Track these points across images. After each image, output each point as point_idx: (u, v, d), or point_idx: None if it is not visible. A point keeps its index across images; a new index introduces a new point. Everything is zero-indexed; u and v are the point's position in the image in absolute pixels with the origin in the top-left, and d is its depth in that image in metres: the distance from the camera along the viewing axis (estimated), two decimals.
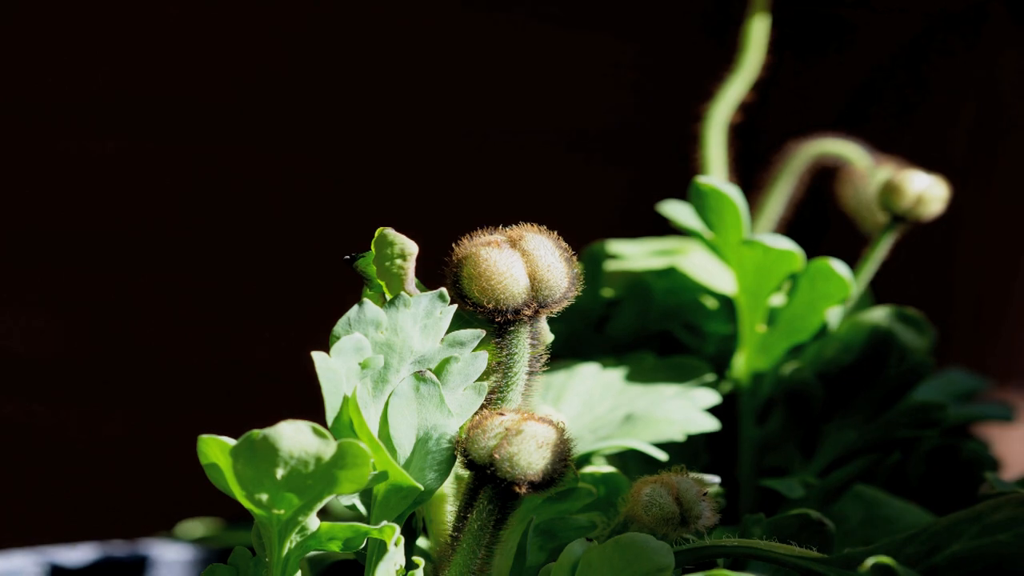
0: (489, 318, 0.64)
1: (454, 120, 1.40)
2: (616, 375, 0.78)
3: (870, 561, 0.57)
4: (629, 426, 0.75)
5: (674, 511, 0.65)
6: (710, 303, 0.83)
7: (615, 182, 1.41)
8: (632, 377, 0.78)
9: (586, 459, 0.73)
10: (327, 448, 0.56)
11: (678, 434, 0.75)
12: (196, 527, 1.03)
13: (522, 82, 1.40)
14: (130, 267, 1.40)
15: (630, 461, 0.76)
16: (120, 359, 1.41)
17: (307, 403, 0.70)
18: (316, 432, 0.56)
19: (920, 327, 0.83)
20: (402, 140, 1.40)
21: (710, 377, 0.79)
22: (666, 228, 0.84)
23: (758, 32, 0.89)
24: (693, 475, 0.66)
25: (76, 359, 1.41)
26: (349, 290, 0.67)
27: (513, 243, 0.64)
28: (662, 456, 0.74)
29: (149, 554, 0.94)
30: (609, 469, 0.69)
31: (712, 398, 0.78)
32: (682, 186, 0.81)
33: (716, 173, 0.88)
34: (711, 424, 0.77)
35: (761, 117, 0.95)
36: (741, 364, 0.82)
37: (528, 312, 0.64)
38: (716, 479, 0.69)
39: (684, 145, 0.89)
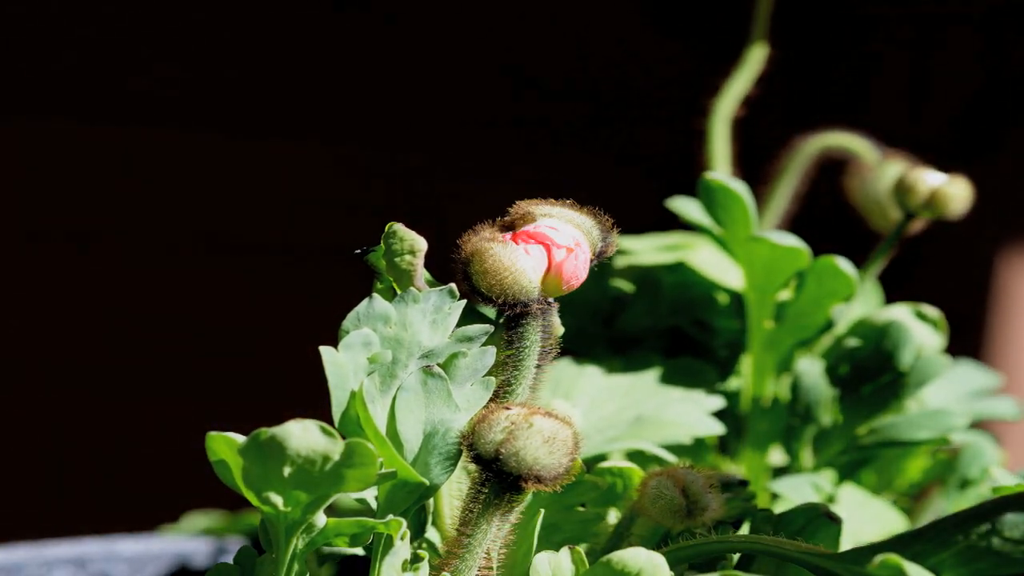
0: (500, 311, 0.64)
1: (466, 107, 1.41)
2: (623, 376, 0.79)
3: (879, 558, 0.57)
4: (637, 427, 0.75)
5: (680, 503, 0.65)
6: (719, 298, 0.83)
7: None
8: (639, 378, 0.79)
9: (595, 460, 0.73)
10: (335, 447, 0.56)
11: (685, 437, 0.75)
12: (201, 519, 1.03)
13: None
14: (135, 262, 1.40)
15: (636, 462, 0.76)
16: (124, 353, 1.41)
17: (314, 398, 0.70)
18: (324, 431, 0.56)
19: (935, 324, 0.83)
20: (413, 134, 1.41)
21: (716, 380, 0.79)
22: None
23: (762, 26, 0.90)
24: (710, 471, 0.66)
25: (80, 354, 1.41)
26: (358, 284, 0.67)
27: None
28: (671, 459, 0.74)
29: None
30: (624, 463, 0.69)
31: (718, 402, 0.78)
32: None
33: (721, 168, 0.89)
34: (717, 428, 0.77)
35: (765, 111, 0.95)
36: (749, 360, 0.82)
37: (538, 306, 0.63)
38: (744, 480, 0.69)
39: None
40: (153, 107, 1.38)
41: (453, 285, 0.63)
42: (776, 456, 0.84)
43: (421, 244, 0.64)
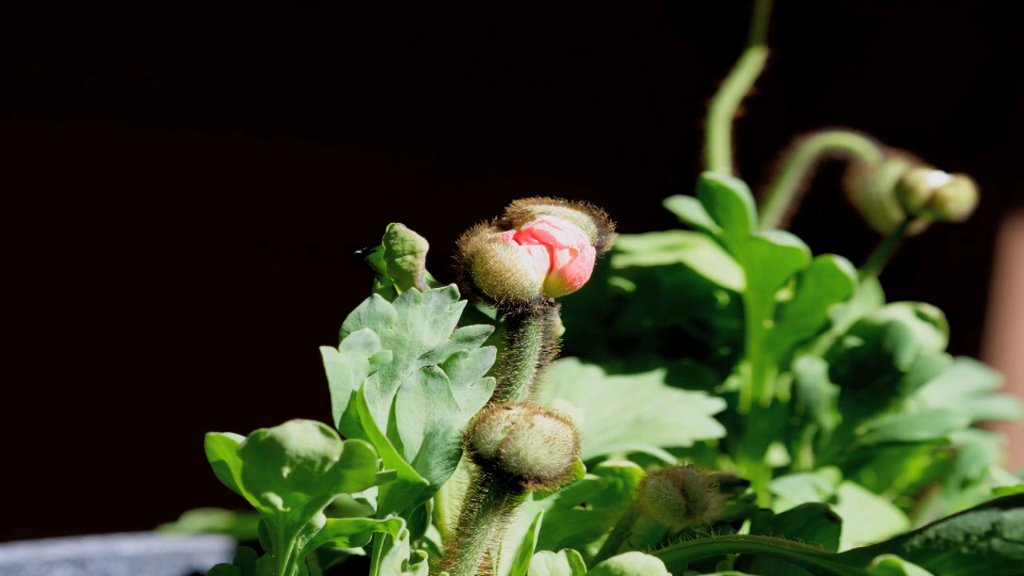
0: (500, 311, 0.64)
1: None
2: (624, 377, 0.79)
3: (879, 559, 0.56)
4: (638, 429, 0.75)
5: (680, 502, 0.65)
6: (719, 298, 0.83)
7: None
8: (640, 380, 0.79)
9: (595, 461, 0.73)
10: (334, 448, 0.56)
11: (686, 439, 0.75)
12: (201, 519, 1.03)
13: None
14: (134, 262, 1.40)
15: (636, 463, 0.76)
16: (124, 352, 1.41)
17: (314, 398, 0.70)
18: (323, 432, 0.56)
19: (935, 324, 0.82)
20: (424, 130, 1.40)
21: (715, 382, 0.79)
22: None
23: (762, 27, 0.90)
24: (710, 471, 0.66)
25: (81, 353, 1.41)
26: (358, 284, 0.67)
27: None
28: (671, 460, 0.74)
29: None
30: (624, 463, 0.69)
31: (717, 404, 0.78)
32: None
33: (721, 168, 0.88)
34: (716, 430, 0.77)
35: (765, 111, 0.95)
36: (749, 359, 0.82)
37: (540, 306, 0.63)
38: (744, 480, 0.69)
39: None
40: (153, 107, 1.38)
41: (454, 285, 0.63)
42: (776, 456, 0.84)
43: (422, 244, 0.64)
